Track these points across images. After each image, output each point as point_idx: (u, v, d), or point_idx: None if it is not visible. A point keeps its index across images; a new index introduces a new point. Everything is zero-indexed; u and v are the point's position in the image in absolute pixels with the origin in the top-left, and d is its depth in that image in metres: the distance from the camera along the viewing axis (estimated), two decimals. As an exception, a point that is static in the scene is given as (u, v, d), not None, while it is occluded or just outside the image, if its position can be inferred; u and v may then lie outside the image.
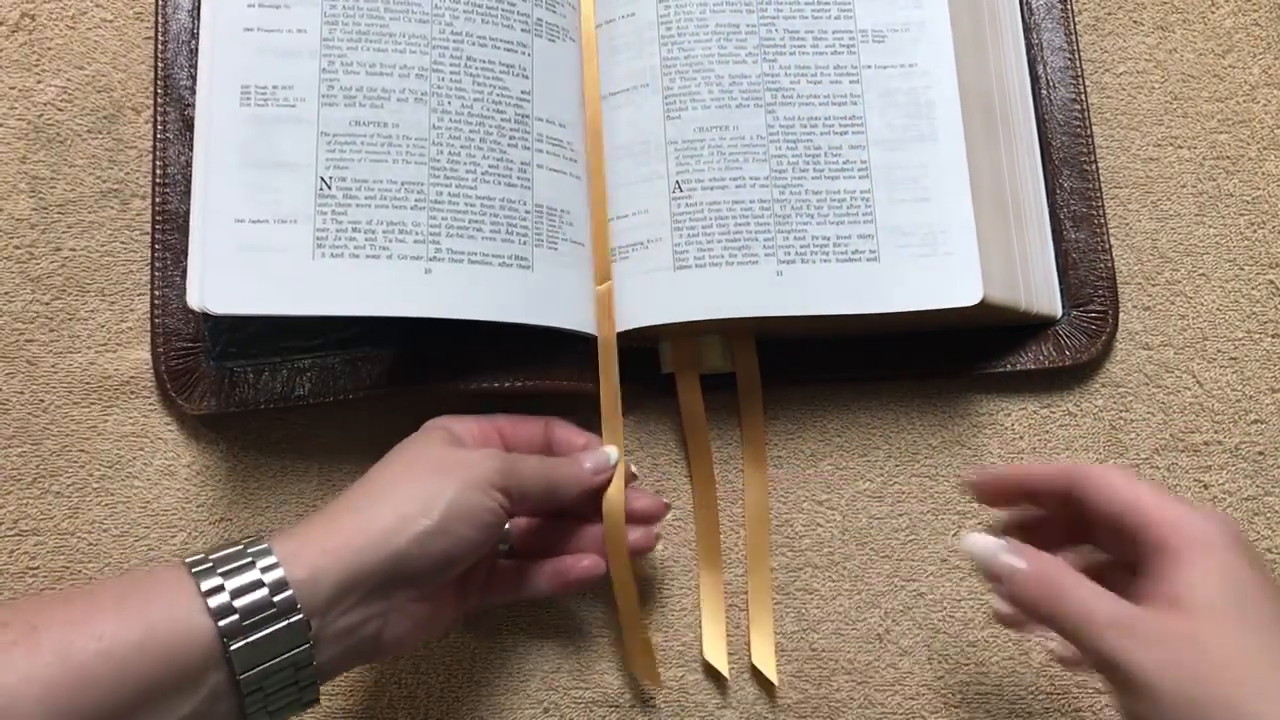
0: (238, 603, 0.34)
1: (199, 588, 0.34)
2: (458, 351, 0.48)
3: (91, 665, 0.32)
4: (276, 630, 0.35)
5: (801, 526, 0.50)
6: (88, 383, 0.49)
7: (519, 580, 0.45)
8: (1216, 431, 0.51)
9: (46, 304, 0.50)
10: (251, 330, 0.48)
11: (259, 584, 0.35)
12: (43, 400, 0.49)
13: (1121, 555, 0.38)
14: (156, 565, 0.37)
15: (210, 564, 0.35)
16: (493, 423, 0.45)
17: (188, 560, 0.36)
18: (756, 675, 0.48)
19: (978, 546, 0.38)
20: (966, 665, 0.49)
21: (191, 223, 0.45)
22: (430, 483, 0.39)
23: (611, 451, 0.46)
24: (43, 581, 0.48)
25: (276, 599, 0.35)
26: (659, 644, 0.48)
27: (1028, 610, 0.36)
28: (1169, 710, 0.32)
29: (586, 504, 0.45)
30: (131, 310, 0.50)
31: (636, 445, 0.50)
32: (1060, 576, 0.36)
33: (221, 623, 0.34)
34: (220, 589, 0.34)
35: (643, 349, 0.50)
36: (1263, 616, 0.33)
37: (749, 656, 0.48)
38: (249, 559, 0.35)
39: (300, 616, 0.35)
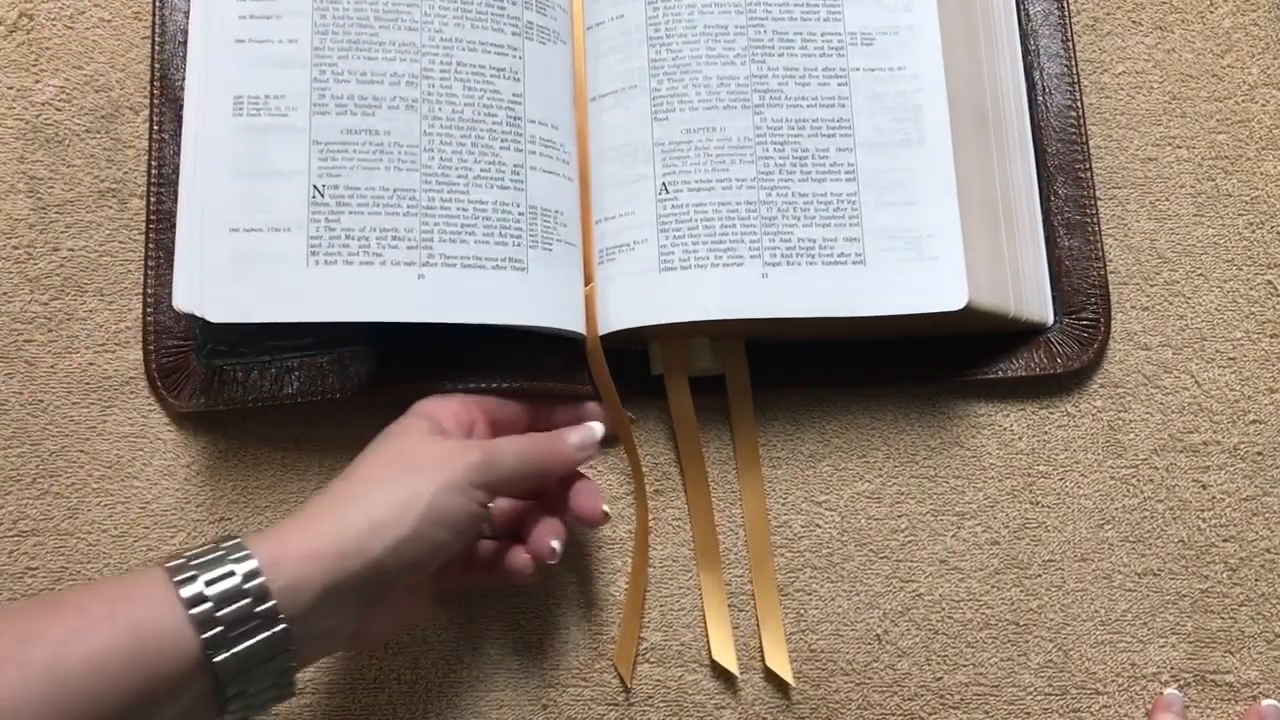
0: (221, 613, 0.34)
1: (180, 597, 0.34)
2: (445, 351, 0.48)
3: (81, 680, 0.32)
4: (259, 641, 0.35)
5: (800, 527, 0.50)
6: (86, 383, 0.49)
7: (497, 564, 0.45)
8: (1215, 431, 0.51)
9: (45, 304, 0.50)
10: (240, 329, 0.48)
11: (241, 593, 0.35)
12: (42, 401, 0.49)
13: None
14: (137, 571, 0.36)
15: (192, 571, 0.35)
16: (479, 402, 0.45)
17: (168, 566, 0.35)
18: (771, 677, 0.48)
19: None
20: (965, 666, 0.49)
21: (179, 229, 0.46)
22: (405, 484, 0.39)
23: (596, 426, 0.46)
24: (42, 582, 0.48)
25: (259, 609, 0.35)
26: (658, 643, 0.49)
27: None
28: None
29: (571, 479, 0.45)
30: (130, 310, 0.50)
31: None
32: None
33: (205, 635, 0.34)
34: (203, 599, 0.34)
35: (633, 350, 0.50)
36: None
37: (761, 659, 0.48)
38: (229, 567, 0.35)
39: (283, 626, 0.35)
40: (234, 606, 0.34)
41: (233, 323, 0.44)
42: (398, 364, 0.48)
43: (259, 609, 0.35)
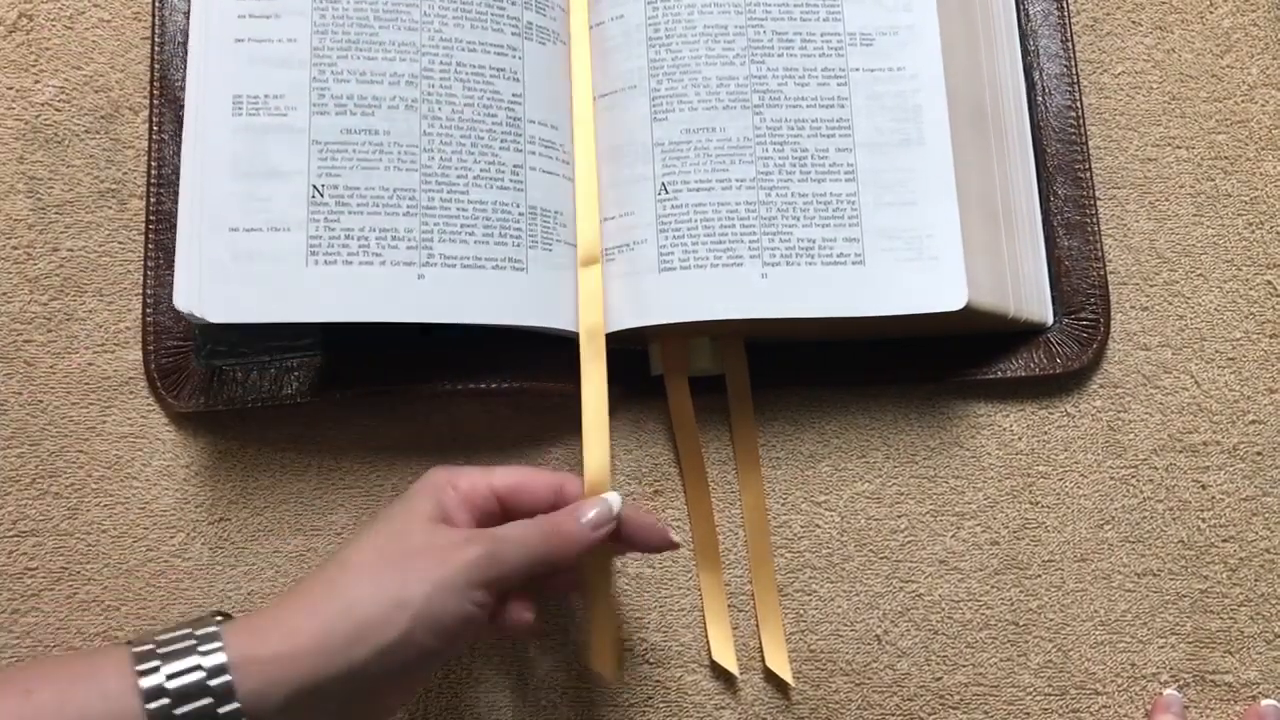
0: (178, 711, 0.33)
1: (139, 688, 0.33)
2: (445, 351, 0.48)
3: None
4: None
5: (800, 528, 0.50)
6: (86, 383, 0.49)
7: (491, 629, 0.41)
8: (1214, 432, 0.51)
9: (44, 304, 0.50)
10: (240, 330, 0.48)
11: (204, 690, 0.33)
12: (41, 401, 0.49)
13: None
14: (101, 651, 0.35)
15: (157, 660, 0.33)
16: (490, 481, 0.40)
17: (135, 651, 0.34)
18: (771, 678, 0.48)
19: None
20: (965, 666, 0.49)
21: (179, 229, 0.46)
22: (397, 581, 0.36)
23: (613, 499, 0.41)
24: (42, 582, 0.48)
25: (222, 711, 0.33)
26: (658, 643, 0.49)
27: None
28: None
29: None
30: (129, 310, 0.50)
31: (633, 446, 0.50)
32: None
33: None
34: (161, 692, 0.33)
35: (633, 350, 0.50)
36: None
37: (761, 660, 0.48)
38: (196, 659, 0.34)
39: None
40: (193, 706, 0.33)
41: (232, 323, 0.44)
42: (398, 364, 0.48)
43: (222, 710, 0.33)
